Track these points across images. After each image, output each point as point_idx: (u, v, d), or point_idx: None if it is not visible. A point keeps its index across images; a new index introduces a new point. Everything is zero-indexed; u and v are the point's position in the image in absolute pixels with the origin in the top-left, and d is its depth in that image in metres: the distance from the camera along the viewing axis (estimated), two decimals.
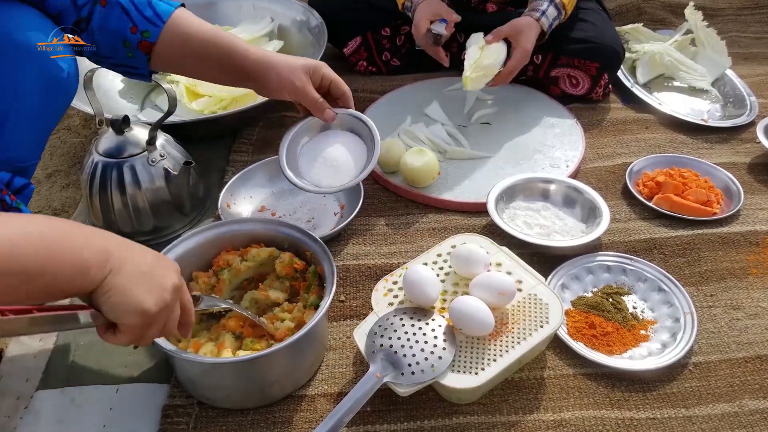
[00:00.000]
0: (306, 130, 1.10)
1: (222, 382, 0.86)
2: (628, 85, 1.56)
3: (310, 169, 1.07)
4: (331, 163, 1.07)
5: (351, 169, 1.07)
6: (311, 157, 1.08)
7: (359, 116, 1.09)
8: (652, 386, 0.91)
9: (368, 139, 1.09)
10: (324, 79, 1.03)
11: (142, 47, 0.95)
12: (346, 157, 1.08)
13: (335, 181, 1.06)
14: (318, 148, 1.09)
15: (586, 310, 1.00)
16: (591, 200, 1.16)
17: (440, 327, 0.88)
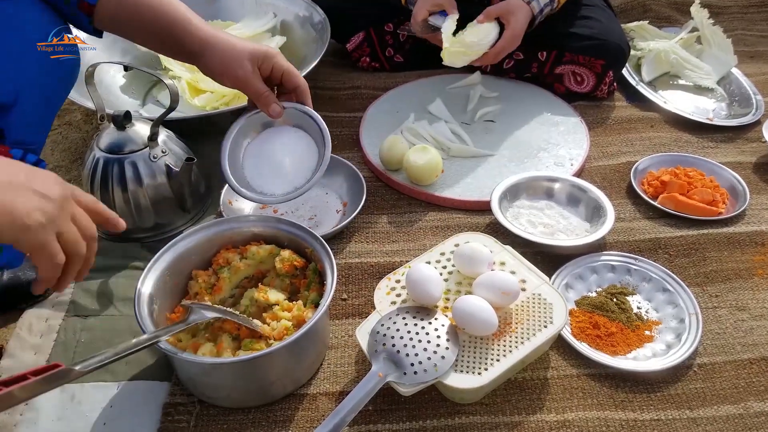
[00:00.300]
0: (249, 127, 1.00)
1: (222, 381, 0.86)
2: (633, 83, 1.55)
3: (255, 175, 0.98)
4: (277, 168, 0.98)
5: (300, 173, 0.98)
6: (255, 162, 0.99)
7: (308, 112, 0.98)
8: (656, 387, 0.90)
9: (318, 138, 0.99)
10: (275, 70, 0.92)
11: (81, 8, 0.88)
12: (293, 160, 0.99)
13: (282, 188, 0.98)
14: (262, 150, 0.99)
15: (590, 310, 0.99)
16: (595, 199, 1.15)
17: (443, 326, 0.87)
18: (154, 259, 0.93)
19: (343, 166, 1.26)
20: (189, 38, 0.89)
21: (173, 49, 0.93)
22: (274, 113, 0.94)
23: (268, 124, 1.01)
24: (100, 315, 1.03)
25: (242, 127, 0.99)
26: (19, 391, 0.57)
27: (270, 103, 0.93)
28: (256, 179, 0.98)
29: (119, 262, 1.11)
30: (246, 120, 0.99)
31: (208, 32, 0.90)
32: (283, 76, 0.93)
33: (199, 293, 0.95)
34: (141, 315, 0.85)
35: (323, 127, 0.98)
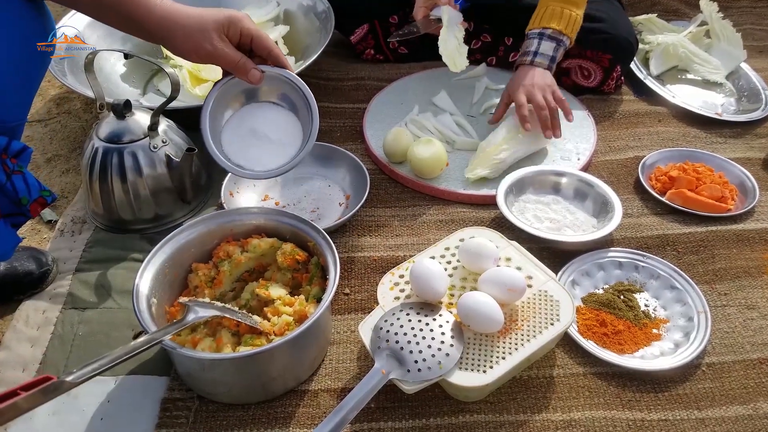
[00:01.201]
0: (227, 96, 0.93)
1: (222, 377, 0.84)
2: (641, 77, 1.53)
3: (238, 150, 0.93)
4: (261, 144, 0.93)
5: (285, 150, 0.93)
6: (237, 137, 0.93)
7: (290, 77, 0.91)
8: (664, 387, 0.89)
9: (303, 107, 0.93)
10: (244, 35, 0.86)
11: None
12: (278, 136, 0.93)
13: (266, 165, 0.93)
14: (244, 125, 0.93)
15: (597, 307, 0.97)
16: (603, 194, 1.13)
17: (448, 323, 0.86)
18: (154, 251, 0.91)
19: (346, 158, 1.24)
20: (152, 19, 0.83)
21: (137, 31, 0.87)
22: (254, 79, 0.88)
23: (250, 92, 0.95)
24: (98, 307, 1.01)
25: (219, 96, 0.92)
26: (9, 409, 0.55)
27: (248, 69, 0.87)
28: (238, 156, 0.93)
29: (118, 253, 1.09)
30: (223, 88, 0.92)
31: (167, 9, 0.84)
32: (252, 41, 0.87)
33: (199, 286, 0.94)
34: (139, 309, 0.83)
35: (309, 95, 0.91)
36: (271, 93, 0.95)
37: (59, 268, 1.08)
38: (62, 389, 0.60)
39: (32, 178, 0.86)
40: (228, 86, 0.93)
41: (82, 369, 0.64)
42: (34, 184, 0.86)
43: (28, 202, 0.85)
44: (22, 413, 0.58)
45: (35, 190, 0.86)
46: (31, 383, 0.58)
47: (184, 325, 0.79)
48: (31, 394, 0.57)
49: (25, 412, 0.58)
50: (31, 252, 1.07)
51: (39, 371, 0.92)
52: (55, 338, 0.97)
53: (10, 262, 1.03)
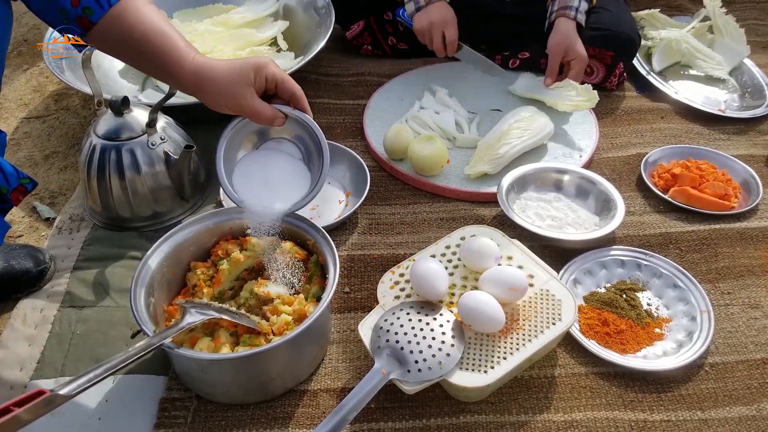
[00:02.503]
0: (242, 133, 0.95)
1: (221, 377, 0.83)
2: (644, 73, 1.51)
3: (247, 189, 0.93)
4: (271, 187, 0.93)
5: (292, 194, 0.93)
6: (249, 177, 0.94)
7: (309, 123, 0.92)
8: (666, 387, 0.88)
9: (315, 152, 0.94)
10: (269, 81, 0.88)
11: (80, 22, 0.85)
12: (288, 182, 0.94)
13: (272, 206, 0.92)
14: (256, 168, 0.94)
15: (599, 306, 0.97)
16: (605, 192, 1.12)
17: (448, 322, 0.85)
18: (152, 249, 0.90)
19: (346, 155, 1.23)
20: (184, 75, 0.86)
21: (172, 83, 0.91)
22: (277, 125, 0.91)
23: (263, 134, 0.96)
24: (96, 306, 1.00)
25: (234, 133, 0.94)
26: (10, 423, 0.54)
27: (273, 119, 0.89)
28: (246, 193, 0.92)
29: (116, 251, 1.08)
30: (236, 126, 0.93)
31: (199, 63, 0.86)
32: (277, 86, 0.89)
33: (197, 285, 0.93)
34: (137, 309, 0.82)
35: (323, 142, 0.92)
36: (285, 131, 0.96)
37: (57, 266, 1.07)
38: (56, 403, 0.59)
39: (9, 167, 0.85)
40: (243, 124, 0.94)
41: (76, 380, 0.63)
42: (12, 173, 0.85)
43: (8, 192, 0.85)
44: (24, 425, 0.57)
45: (13, 178, 0.85)
46: (24, 398, 0.57)
47: (180, 329, 0.78)
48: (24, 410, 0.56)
49: (26, 424, 0.57)
50: (29, 250, 1.06)
51: (36, 370, 0.91)
52: (53, 337, 0.96)
53: (7, 260, 1.02)
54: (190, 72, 0.85)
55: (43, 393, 0.58)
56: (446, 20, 1.36)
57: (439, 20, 1.35)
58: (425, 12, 1.36)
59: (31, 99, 1.51)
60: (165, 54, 0.85)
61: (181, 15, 1.59)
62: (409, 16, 1.40)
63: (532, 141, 1.22)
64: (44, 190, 1.25)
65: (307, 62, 1.35)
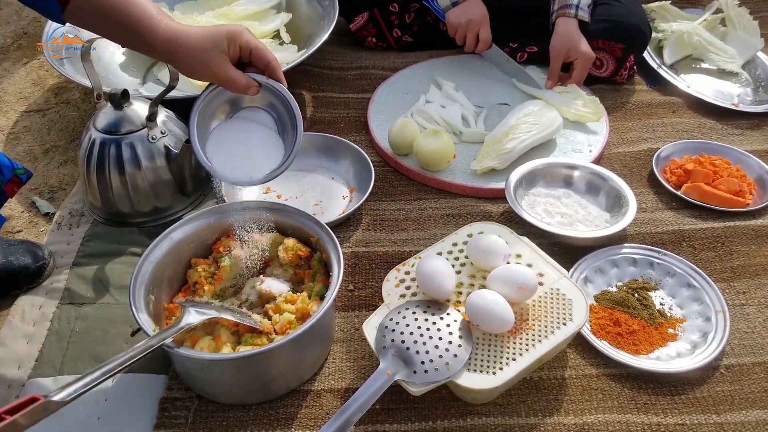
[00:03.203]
0: (216, 102, 0.92)
1: (222, 377, 0.81)
2: (654, 66, 1.48)
3: (220, 158, 0.90)
4: (244, 157, 0.91)
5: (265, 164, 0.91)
6: (222, 147, 0.91)
7: (283, 93, 0.90)
8: (680, 389, 0.85)
9: (289, 123, 0.92)
10: (243, 48, 0.86)
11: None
12: (261, 152, 0.92)
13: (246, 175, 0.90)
14: (229, 138, 0.92)
15: (611, 306, 0.94)
16: (616, 188, 1.09)
17: (456, 322, 0.82)
18: (151, 246, 0.88)
19: (351, 150, 1.20)
20: (157, 41, 0.84)
21: (145, 52, 0.88)
22: (251, 94, 0.89)
23: (236, 103, 0.93)
24: (96, 303, 0.98)
25: (208, 102, 0.91)
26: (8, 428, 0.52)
27: (247, 87, 0.87)
28: (220, 165, 0.90)
29: (116, 247, 1.06)
30: (208, 96, 0.90)
31: (172, 30, 0.84)
32: (252, 53, 0.87)
33: (198, 282, 0.91)
34: (136, 307, 0.80)
35: (296, 110, 0.90)
36: (258, 100, 0.93)
37: (56, 262, 1.05)
38: (50, 410, 0.57)
39: (3, 157, 0.83)
40: (215, 93, 0.91)
41: (71, 385, 0.61)
42: (6, 164, 0.83)
43: (2, 183, 0.83)
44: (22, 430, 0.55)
45: (7, 169, 0.83)
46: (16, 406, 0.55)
47: (179, 329, 0.75)
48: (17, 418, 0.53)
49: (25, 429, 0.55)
50: (27, 246, 1.04)
51: (35, 368, 0.90)
52: (52, 334, 0.94)
53: (5, 256, 1.00)
54: (163, 39, 0.83)
55: (37, 400, 0.56)
56: (482, 19, 1.38)
57: (477, 18, 1.37)
58: (462, 8, 1.37)
59: (30, 92, 1.49)
60: (138, 23, 0.83)
61: (182, 7, 1.57)
62: (443, 9, 1.40)
63: (540, 136, 1.19)
64: (44, 185, 1.23)
65: (310, 55, 1.32)
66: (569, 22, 1.33)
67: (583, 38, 1.33)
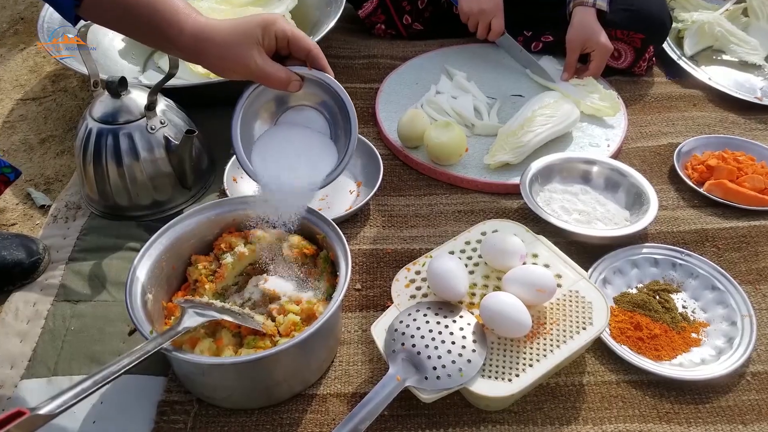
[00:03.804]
0: (258, 103, 0.85)
1: (223, 382, 0.77)
2: (674, 58, 1.43)
3: (267, 170, 0.83)
4: (294, 167, 0.84)
5: (318, 173, 0.84)
6: (269, 157, 0.84)
7: (330, 83, 0.82)
8: (705, 398, 0.81)
9: (339, 114, 0.86)
10: (279, 39, 0.78)
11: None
12: (313, 160, 0.84)
13: (298, 187, 0.83)
14: (277, 147, 0.85)
15: (631, 308, 0.89)
16: (637, 185, 1.04)
17: (469, 326, 0.78)
18: (150, 242, 0.84)
19: (358, 142, 1.15)
20: (183, 40, 0.76)
21: (165, 47, 0.81)
22: (293, 89, 0.81)
23: (282, 102, 0.87)
24: (92, 300, 0.94)
25: (249, 104, 0.84)
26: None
27: (287, 82, 0.79)
28: (267, 173, 0.83)
29: (113, 242, 1.02)
30: (253, 95, 0.83)
31: (199, 26, 0.76)
32: (289, 42, 0.79)
33: (199, 281, 0.87)
34: (132, 306, 0.76)
35: (348, 103, 0.82)
36: (305, 97, 0.86)
37: (51, 257, 1.01)
38: (37, 425, 0.53)
39: None
40: (258, 94, 0.84)
41: (60, 396, 0.57)
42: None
43: None
44: None
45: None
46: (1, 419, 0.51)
47: (178, 333, 0.71)
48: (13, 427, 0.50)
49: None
50: (21, 240, 1.00)
51: (28, 368, 0.86)
52: (46, 333, 0.90)
53: None
54: (189, 35, 0.75)
55: (22, 414, 0.52)
56: (495, 9, 1.33)
57: (491, 8, 1.32)
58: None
59: (27, 80, 1.45)
60: (162, 17, 0.75)
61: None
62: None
63: (557, 129, 1.14)
64: (39, 176, 1.19)
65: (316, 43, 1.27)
66: (587, 11, 1.28)
67: (602, 29, 1.27)
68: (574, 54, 1.30)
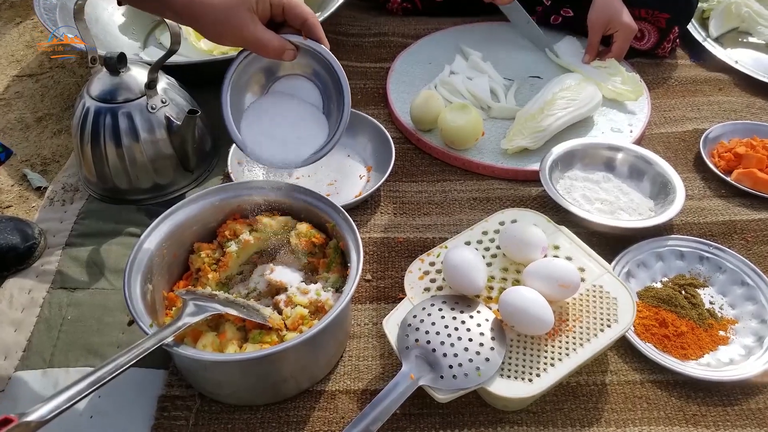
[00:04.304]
0: (249, 71, 0.82)
1: (227, 378, 0.73)
2: (699, 39, 1.36)
3: (257, 140, 0.81)
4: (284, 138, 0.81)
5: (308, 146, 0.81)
6: (257, 128, 0.82)
7: (325, 55, 0.78)
8: (734, 400, 0.77)
9: (333, 88, 0.81)
10: (275, 6, 0.75)
11: None
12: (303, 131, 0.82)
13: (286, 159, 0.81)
14: (266, 117, 0.82)
15: (656, 304, 0.85)
16: (663, 173, 0.99)
17: (487, 322, 0.74)
18: (150, 228, 0.79)
19: (368, 125, 1.10)
20: (177, 5, 0.73)
21: (166, 12, 0.77)
22: (287, 58, 0.77)
23: (272, 71, 0.83)
24: (90, 288, 0.90)
25: (240, 73, 0.81)
26: None
27: (281, 51, 0.76)
28: (257, 147, 0.80)
29: (112, 227, 0.98)
30: (244, 63, 0.80)
31: None
32: (285, 10, 0.75)
33: (201, 269, 0.83)
34: (131, 297, 0.72)
35: (341, 75, 0.78)
36: (298, 68, 0.82)
37: (47, 242, 0.97)
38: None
39: None
40: (248, 60, 0.80)
41: (52, 401, 0.53)
42: None
43: None
44: None
45: None
46: None
47: (178, 329, 0.67)
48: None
49: None
50: (16, 223, 0.95)
51: (22, 359, 0.82)
52: (42, 322, 0.86)
53: None
54: (183, 2, 0.72)
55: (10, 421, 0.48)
56: None
57: None
58: None
59: (23, 55, 1.39)
60: None
61: None
62: None
63: (579, 113, 1.09)
64: (36, 156, 1.14)
65: (324, 20, 1.21)
66: None
67: (625, 8, 1.21)
68: (597, 35, 1.23)
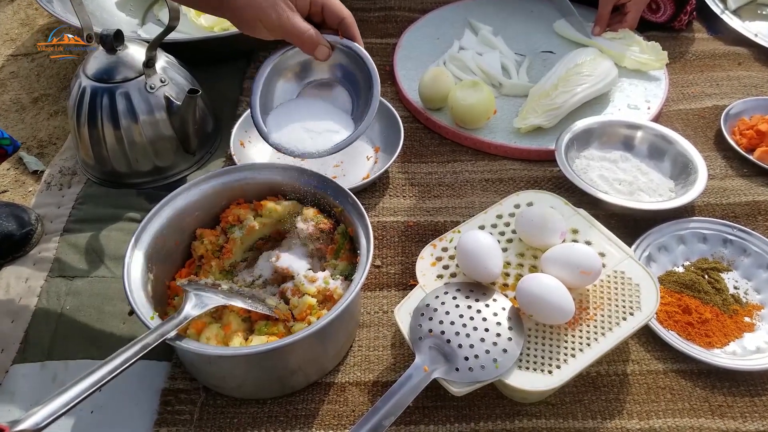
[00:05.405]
0: (285, 66, 0.83)
1: (232, 371, 0.70)
2: (717, 12, 1.31)
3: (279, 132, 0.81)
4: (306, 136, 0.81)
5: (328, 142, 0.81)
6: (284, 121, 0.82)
7: (361, 55, 0.80)
8: (762, 390, 0.74)
9: (365, 87, 0.83)
10: (314, 3, 0.76)
11: None
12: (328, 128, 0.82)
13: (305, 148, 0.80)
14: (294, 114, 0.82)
15: (679, 289, 0.82)
16: (684, 153, 0.95)
17: (504, 310, 0.70)
18: (150, 214, 0.76)
19: None
20: None
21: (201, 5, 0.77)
22: (321, 56, 0.78)
23: (306, 68, 0.84)
24: (89, 276, 0.87)
25: (275, 67, 0.81)
26: None
27: (316, 44, 0.76)
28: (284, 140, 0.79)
29: (111, 212, 0.94)
30: (280, 58, 0.81)
31: None
32: (324, 9, 0.76)
33: (204, 256, 0.79)
34: (131, 288, 0.69)
35: (375, 79, 0.80)
36: (330, 70, 0.84)
37: (45, 228, 0.93)
38: None
39: None
40: (287, 57, 0.82)
41: (46, 407, 0.50)
42: None
43: None
44: None
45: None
46: None
47: (180, 322, 0.64)
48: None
49: None
50: (12, 209, 0.92)
51: (20, 352, 0.79)
52: (39, 312, 0.83)
53: None
54: None
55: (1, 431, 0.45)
56: None
57: None
58: None
59: (18, 34, 1.35)
60: None
61: None
62: None
63: (594, 89, 1.04)
64: (32, 139, 1.10)
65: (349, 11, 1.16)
66: None
67: None
68: (608, 5, 1.18)
